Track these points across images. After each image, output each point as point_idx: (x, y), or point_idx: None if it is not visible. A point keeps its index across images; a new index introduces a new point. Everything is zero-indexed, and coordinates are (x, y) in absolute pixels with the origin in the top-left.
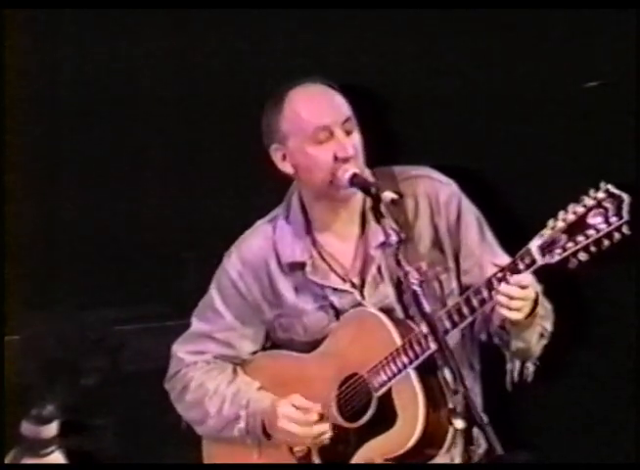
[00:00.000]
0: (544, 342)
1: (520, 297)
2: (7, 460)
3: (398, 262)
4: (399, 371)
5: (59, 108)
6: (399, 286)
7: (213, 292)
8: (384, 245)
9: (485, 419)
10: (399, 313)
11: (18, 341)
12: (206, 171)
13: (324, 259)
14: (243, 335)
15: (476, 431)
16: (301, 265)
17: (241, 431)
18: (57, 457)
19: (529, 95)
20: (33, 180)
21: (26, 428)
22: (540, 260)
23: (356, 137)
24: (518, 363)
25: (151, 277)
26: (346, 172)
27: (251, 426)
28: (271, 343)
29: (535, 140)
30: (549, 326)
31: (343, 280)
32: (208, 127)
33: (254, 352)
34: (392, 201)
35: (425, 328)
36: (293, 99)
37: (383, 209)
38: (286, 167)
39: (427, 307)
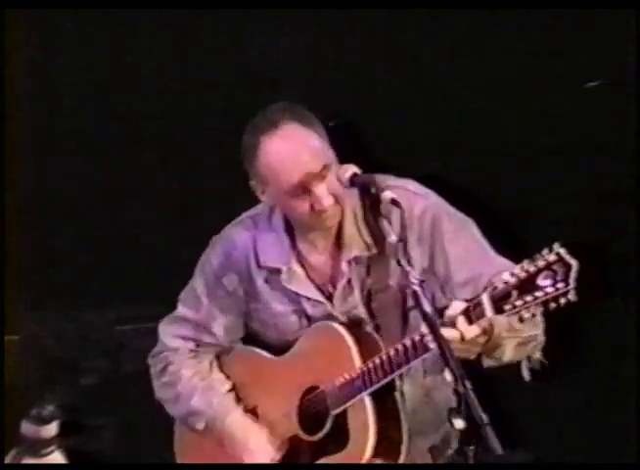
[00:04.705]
0: (532, 345)
1: (459, 345)
2: (7, 460)
3: (399, 262)
4: (355, 395)
5: (58, 107)
6: (369, 296)
7: (197, 279)
8: (356, 259)
9: (485, 419)
10: (368, 323)
11: (18, 341)
12: (206, 172)
13: (302, 266)
14: (223, 323)
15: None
16: (278, 271)
17: (202, 427)
18: (57, 457)
19: (529, 95)
20: (33, 181)
21: (26, 428)
22: (490, 313)
23: (334, 178)
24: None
25: (150, 277)
26: (346, 172)
27: (211, 426)
28: (248, 333)
29: (535, 139)
30: (534, 331)
31: (319, 290)
32: (208, 128)
33: (234, 341)
34: (392, 201)
35: (425, 328)
36: (267, 150)
37: (382, 209)
38: (265, 200)
39: (427, 307)
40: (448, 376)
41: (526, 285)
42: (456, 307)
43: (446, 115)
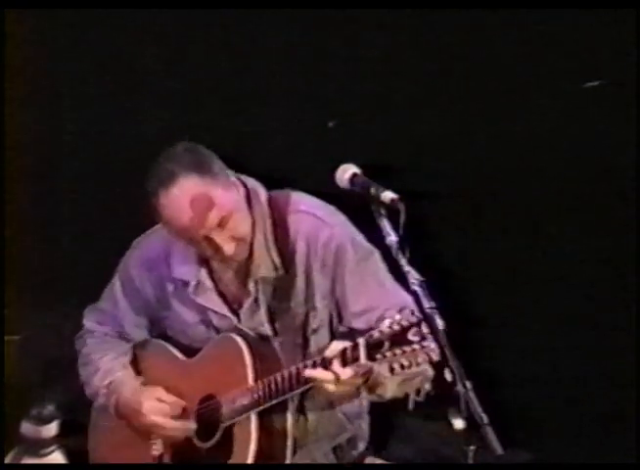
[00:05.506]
0: (419, 380)
1: (334, 385)
2: (7, 460)
3: (397, 262)
4: (244, 411)
5: (59, 107)
6: (273, 315)
7: (116, 280)
8: (263, 279)
9: (485, 419)
10: (273, 340)
11: (18, 341)
12: None
13: (212, 280)
14: (135, 323)
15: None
16: (187, 283)
17: (103, 401)
18: (57, 457)
19: (529, 95)
20: (34, 181)
21: (26, 428)
22: (364, 359)
23: (237, 222)
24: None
25: None
26: (346, 173)
27: (110, 398)
28: (162, 332)
29: (535, 139)
30: (421, 367)
31: (226, 304)
32: (207, 126)
33: (145, 336)
34: (392, 200)
35: (425, 328)
36: (165, 206)
37: (382, 210)
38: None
39: (427, 307)
40: (448, 376)
41: (398, 338)
42: (334, 349)
43: (446, 115)
